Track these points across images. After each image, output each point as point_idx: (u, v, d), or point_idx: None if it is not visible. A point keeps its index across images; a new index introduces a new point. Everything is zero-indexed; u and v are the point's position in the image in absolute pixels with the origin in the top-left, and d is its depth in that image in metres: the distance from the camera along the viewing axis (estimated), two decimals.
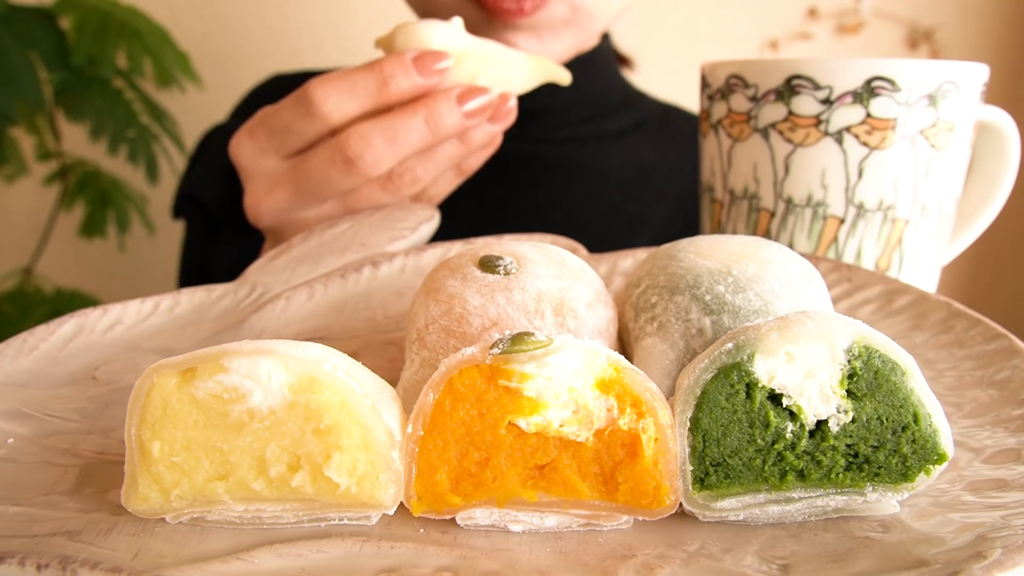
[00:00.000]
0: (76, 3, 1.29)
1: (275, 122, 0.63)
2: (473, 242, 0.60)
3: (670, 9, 1.71)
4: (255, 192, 0.65)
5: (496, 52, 0.64)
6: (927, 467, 0.32)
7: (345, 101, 0.60)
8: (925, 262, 0.65)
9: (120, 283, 1.71)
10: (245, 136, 0.64)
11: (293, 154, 0.64)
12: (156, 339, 0.51)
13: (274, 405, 0.31)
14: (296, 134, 0.62)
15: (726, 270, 0.40)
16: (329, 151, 0.61)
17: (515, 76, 0.65)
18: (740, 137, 0.64)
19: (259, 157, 0.64)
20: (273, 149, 0.64)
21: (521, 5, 0.76)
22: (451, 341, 0.38)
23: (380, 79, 0.60)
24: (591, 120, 0.99)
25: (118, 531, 0.32)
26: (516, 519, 0.33)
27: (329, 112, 0.60)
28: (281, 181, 0.64)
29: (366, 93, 0.60)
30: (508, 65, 0.64)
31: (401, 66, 0.59)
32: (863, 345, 0.32)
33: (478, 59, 0.62)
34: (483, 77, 0.63)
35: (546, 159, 0.96)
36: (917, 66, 0.58)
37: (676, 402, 0.33)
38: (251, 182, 0.65)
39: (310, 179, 0.62)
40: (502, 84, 0.64)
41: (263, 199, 0.65)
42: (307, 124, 0.61)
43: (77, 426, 0.41)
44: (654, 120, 1.05)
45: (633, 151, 0.99)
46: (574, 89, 0.93)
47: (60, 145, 1.48)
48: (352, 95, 0.60)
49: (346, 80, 0.60)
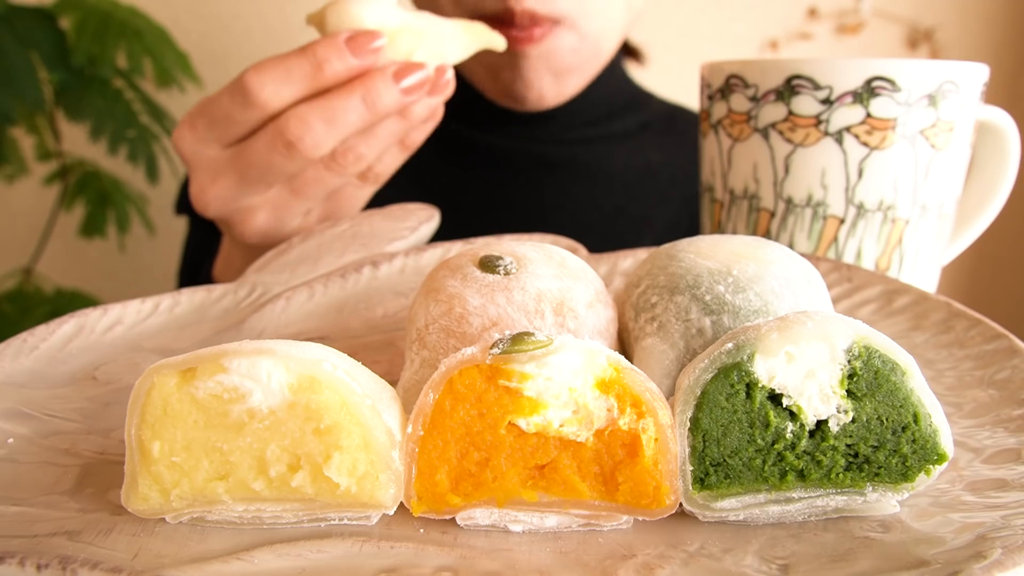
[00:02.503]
0: (76, 3, 1.29)
1: (214, 112, 0.62)
2: (473, 242, 0.60)
3: (670, 9, 1.71)
4: (200, 182, 0.65)
5: (430, 26, 0.64)
6: (927, 467, 0.32)
7: (281, 87, 0.60)
8: (925, 262, 0.65)
9: (120, 283, 1.71)
10: (186, 127, 0.64)
11: (234, 142, 0.64)
12: (156, 339, 0.51)
13: (274, 405, 0.31)
14: (235, 123, 0.62)
15: (726, 270, 0.40)
16: (269, 136, 0.60)
17: (451, 48, 0.65)
18: (740, 137, 0.64)
19: (201, 147, 0.64)
20: (214, 139, 0.63)
21: (530, 32, 0.77)
22: (451, 341, 0.38)
23: (314, 63, 0.59)
24: (598, 122, 0.99)
25: (118, 531, 0.32)
26: (516, 519, 0.33)
27: (267, 100, 0.60)
28: (224, 169, 0.64)
29: (301, 78, 0.60)
30: (443, 38, 0.64)
31: (335, 49, 0.59)
32: (863, 345, 0.32)
33: (413, 35, 0.62)
34: (419, 52, 0.63)
35: (552, 160, 0.96)
36: (917, 66, 0.58)
37: (676, 402, 0.33)
38: (195, 172, 0.65)
39: (253, 165, 0.62)
40: (438, 57, 0.64)
41: (208, 188, 0.65)
42: (245, 112, 0.61)
43: (77, 426, 0.41)
44: (660, 121, 1.05)
45: (639, 152, 0.99)
46: (582, 92, 0.93)
47: (60, 145, 1.48)
48: (287, 81, 0.60)
49: (280, 66, 0.60)
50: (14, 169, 1.42)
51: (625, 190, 0.97)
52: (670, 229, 0.95)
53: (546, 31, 0.78)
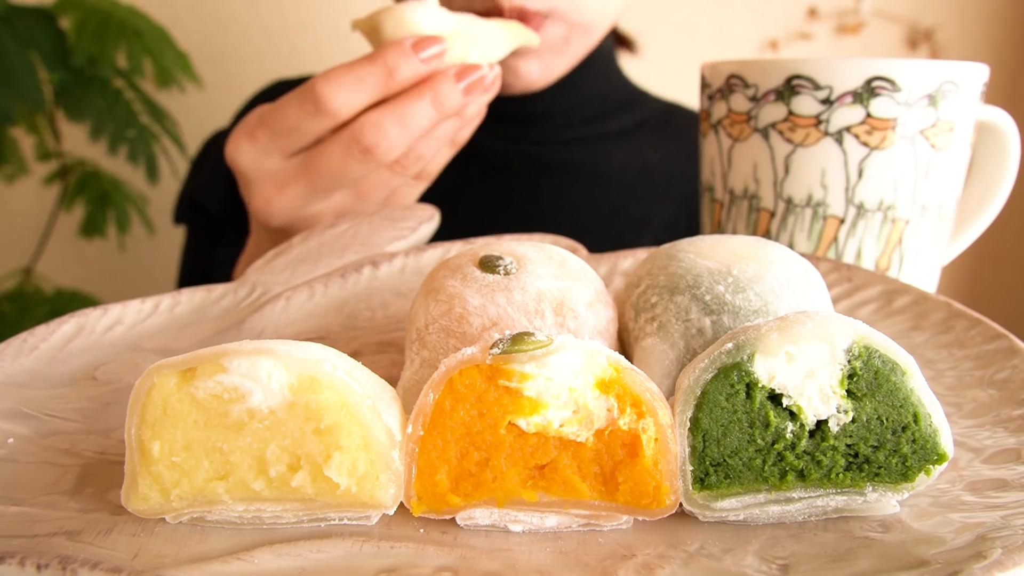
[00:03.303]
0: (76, 3, 1.29)
1: (278, 122, 0.63)
2: (473, 242, 0.60)
3: (670, 8, 1.71)
4: (264, 193, 0.66)
5: (477, 29, 0.67)
6: (927, 467, 0.32)
7: (354, 96, 0.62)
8: (925, 262, 0.65)
9: (120, 283, 1.71)
10: (245, 139, 0.65)
11: (298, 151, 0.65)
12: (156, 339, 0.51)
13: (274, 405, 0.31)
14: (303, 132, 0.63)
15: (726, 270, 0.40)
16: (344, 143, 0.62)
17: (495, 46, 0.69)
18: (740, 137, 0.64)
19: (262, 158, 0.65)
20: (277, 149, 0.64)
21: None
22: (451, 341, 0.38)
23: (385, 70, 0.61)
24: (594, 120, 0.98)
25: (118, 531, 0.32)
26: (516, 519, 0.33)
27: (339, 108, 0.61)
28: (292, 179, 0.65)
29: (373, 85, 0.62)
30: (490, 39, 0.68)
31: (403, 55, 0.61)
32: (863, 345, 0.32)
33: (465, 38, 0.65)
34: (472, 54, 0.66)
35: (549, 161, 0.96)
36: (917, 66, 0.58)
37: (676, 402, 0.33)
38: (257, 184, 0.66)
39: (325, 173, 0.64)
40: (486, 56, 0.67)
41: (274, 199, 0.66)
42: (316, 122, 0.62)
43: (77, 426, 0.41)
44: (657, 119, 1.04)
45: (636, 151, 0.99)
46: (576, 90, 0.93)
47: (60, 145, 1.48)
48: (360, 89, 0.61)
49: (352, 75, 0.61)
50: (14, 169, 1.42)
51: (622, 190, 0.97)
52: (668, 228, 0.95)
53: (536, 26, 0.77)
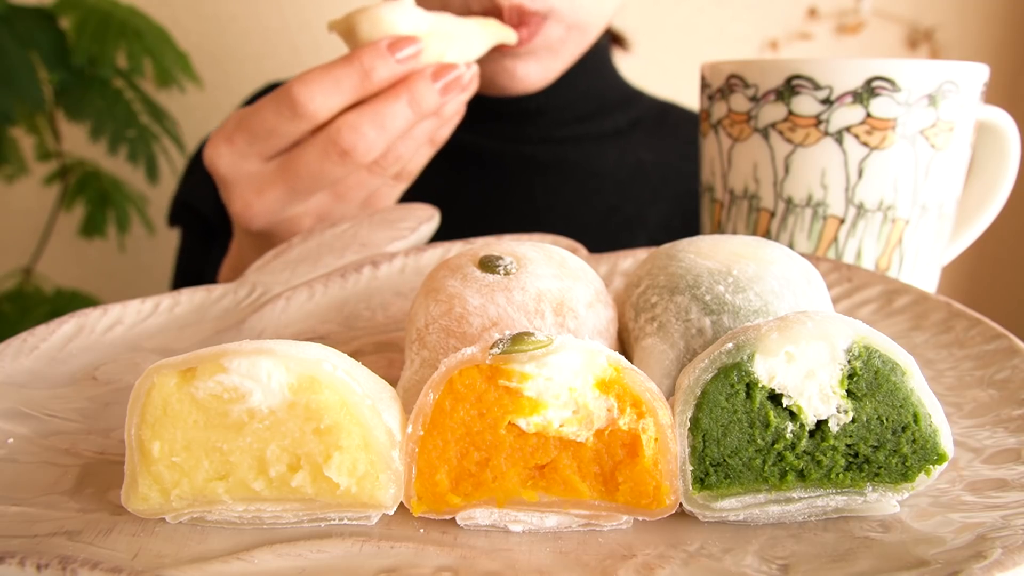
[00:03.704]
0: (76, 3, 1.29)
1: (255, 126, 0.63)
2: (473, 242, 0.60)
3: (670, 8, 1.71)
4: (244, 197, 0.65)
5: (454, 28, 0.66)
6: (927, 467, 0.32)
7: (331, 98, 0.61)
8: (925, 262, 0.65)
9: (120, 283, 1.71)
10: (223, 143, 0.64)
11: (276, 155, 0.65)
12: (156, 339, 0.51)
13: (274, 405, 0.31)
14: (281, 135, 0.63)
15: (726, 270, 0.40)
16: (321, 146, 0.62)
17: (472, 45, 0.69)
18: (740, 137, 0.64)
19: (240, 162, 0.64)
20: (255, 153, 0.64)
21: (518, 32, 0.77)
22: (451, 341, 0.38)
23: (361, 71, 0.61)
24: (587, 119, 0.98)
25: (118, 531, 0.32)
26: (516, 519, 0.33)
27: (316, 110, 0.61)
28: (270, 182, 0.64)
29: (350, 87, 0.61)
30: (468, 38, 0.68)
31: (379, 56, 0.61)
32: (863, 345, 0.32)
33: (441, 37, 0.65)
34: (449, 54, 0.66)
35: (542, 160, 0.96)
36: (917, 66, 0.58)
37: (676, 402, 0.33)
38: (236, 188, 0.65)
39: (303, 176, 0.63)
40: (463, 55, 0.67)
41: (253, 202, 0.65)
42: (293, 125, 0.62)
43: (77, 426, 0.41)
44: (651, 118, 1.04)
45: (630, 151, 0.99)
46: (570, 87, 0.93)
47: (60, 145, 1.48)
48: (336, 91, 0.61)
49: (328, 76, 0.61)
50: (14, 169, 1.42)
51: (617, 189, 0.96)
52: (663, 227, 0.95)
53: (534, 30, 0.77)
